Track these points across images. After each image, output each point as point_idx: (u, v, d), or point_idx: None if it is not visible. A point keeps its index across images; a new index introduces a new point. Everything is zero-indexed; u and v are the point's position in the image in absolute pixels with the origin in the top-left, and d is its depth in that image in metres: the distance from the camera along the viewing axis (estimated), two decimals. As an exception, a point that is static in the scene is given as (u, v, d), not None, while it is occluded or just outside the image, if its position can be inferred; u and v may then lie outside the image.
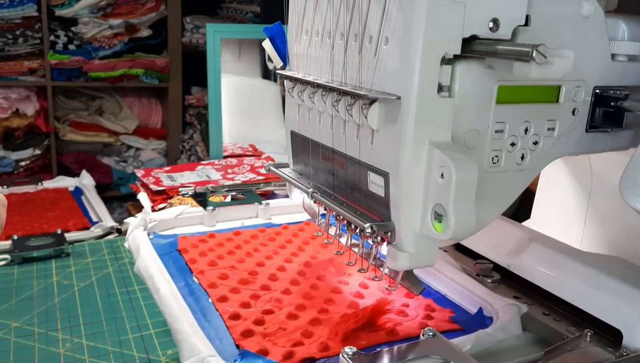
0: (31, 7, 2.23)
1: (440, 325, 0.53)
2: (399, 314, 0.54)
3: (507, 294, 0.58)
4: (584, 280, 0.54)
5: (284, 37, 0.59)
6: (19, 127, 2.35)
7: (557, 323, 0.54)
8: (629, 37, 0.52)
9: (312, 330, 0.51)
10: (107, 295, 0.82)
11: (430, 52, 0.41)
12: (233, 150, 1.84)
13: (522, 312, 0.53)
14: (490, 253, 0.63)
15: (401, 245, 0.46)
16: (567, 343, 0.50)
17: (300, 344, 0.49)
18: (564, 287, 0.55)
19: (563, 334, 0.52)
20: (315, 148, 0.55)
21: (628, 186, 0.47)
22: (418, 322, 0.53)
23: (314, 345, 0.48)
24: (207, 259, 0.64)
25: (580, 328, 0.52)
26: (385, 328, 0.52)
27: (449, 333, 0.52)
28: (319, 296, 0.57)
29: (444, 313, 0.55)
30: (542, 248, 0.59)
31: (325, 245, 0.68)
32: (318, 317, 0.53)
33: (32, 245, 0.94)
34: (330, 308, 0.54)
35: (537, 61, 0.38)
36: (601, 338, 0.51)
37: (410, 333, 0.51)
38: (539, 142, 0.49)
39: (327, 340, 0.49)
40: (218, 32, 1.76)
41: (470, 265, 0.63)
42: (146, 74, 2.43)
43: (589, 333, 0.50)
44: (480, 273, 0.62)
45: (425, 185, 0.43)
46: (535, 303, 0.57)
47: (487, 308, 0.55)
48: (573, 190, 0.72)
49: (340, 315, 0.52)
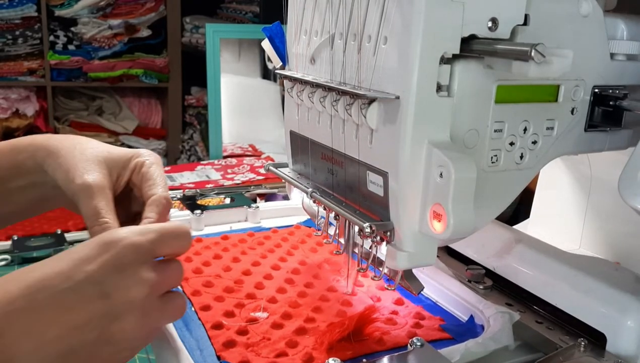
0: (31, 8, 2.23)
1: (429, 334, 0.51)
2: (387, 322, 0.53)
3: (499, 301, 0.56)
4: (568, 282, 0.52)
5: (283, 37, 0.59)
6: (18, 127, 2.35)
7: (550, 332, 0.52)
8: (628, 36, 0.52)
9: (297, 339, 0.49)
10: (106, 295, 0.82)
11: (429, 52, 0.41)
12: (233, 150, 1.84)
13: (514, 320, 0.51)
14: (475, 255, 0.62)
15: (400, 245, 0.46)
16: (560, 354, 0.48)
17: (284, 355, 0.47)
18: (549, 289, 0.54)
19: (556, 343, 0.50)
20: (314, 148, 0.55)
21: (627, 185, 0.47)
22: (407, 330, 0.52)
23: (298, 356, 0.47)
24: (192, 265, 0.62)
25: (574, 337, 0.50)
26: (373, 337, 0.50)
27: (438, 342, 0.50)
28: (306, 304, 0.55)
29: (434, 322, 0.53)
30: (528, 250, 0.58)
31: (315, 250, 0.67)
32: (304, 326, 0.51)
33: (32, 246, 0.94)
34: (317, 317, 0.52)
35: (536, 60, 0.38)
36: (594, 347, 0.49)
37: (398, 342, 0.49)
38: (538, 142, 0.49)
39: (312, 351, 0.47)
40: (218, 32, 1.76)
41: (461, 271, 0.61)
42: (146, 74, 2.44)
43: (582, 343, 0.49)
44: (472, 279, 0.60)
45: (425, 184, 0.43)
46: (527, 310, 0.56)
47: (478, 316, 0.53)
48: (572, 190, 0.72)
49: (327, 324, 0.50)
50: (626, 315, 0.47)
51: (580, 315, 0.51)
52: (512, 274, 0.57)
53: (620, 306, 0.48)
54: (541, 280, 0.55)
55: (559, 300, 0.53)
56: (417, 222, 0.44)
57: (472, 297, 0.56)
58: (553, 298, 0.53)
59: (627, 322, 0.47)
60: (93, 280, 0.38)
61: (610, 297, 0.49)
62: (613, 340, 0.48)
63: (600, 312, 0.49)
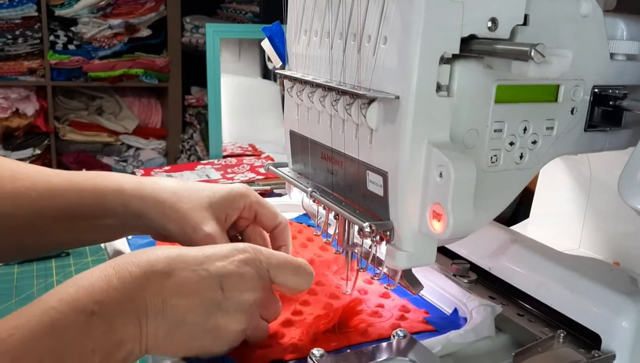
0: (31, 7, 2.23)
1: (413, 326, 0.52)
2: (372, 315, 0.53)
3: (483, 294, 0.57)
4: (563, 283, 0.52)
5: (283, 37, 0.59)
6: (18, 127, 2.35)
7: (531, 324, 0.53)
8: (627, 36, 0.52)
9: (283, 331, 0.50)
10: (106, 295, 0.82)
11: (429, 52, 0.41)
12: (233, 150, 1.84)
13: (497, 313, 0.52)
14: (471, 255, 0.62)
15: (400, 244, 0.46)
16: (539, 345, 0.49)
17: (269, 346, 0.48)
18: (543, 289, 0.54)
19: (536, 335, 0.51)
20: (314, 147, 0.55)
21: (627, 185, 0.47)
22: (391, 322, 0.52)
23: (283, 347, 0.48)
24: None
25: (555, 329, 0.51)
26: (358, 329, 0.51)
27: (422, 334, 0.51)
28: (294, 297, 0.55)
29: (419, 314, 0.54)
30: (523, 251, 0.58)
31: (305, 245, 0.68)
32: (291, 318, 0.52)
33: (32, 245, 0.94)
34: (305, 310, 0.53)
35: (536, 60, 0.38)
36: (574, 339, 0.50)
37: (382, 334, 0.50)
38: (538, 142, 0.49)
39: (297, 342, 0.48)
40: (218, 32, 1.77)
41: (447, 265, 0.62)
42: (146, 73, 2.44)
43: (562, 335, 0.49)
44: (457, 274, 0.61)
45: (424, 184, 0.43)
46: (510, 303, 0.56)
47: (462, 309, 0.54)
48: (572, 190, 0.72)
49: (314, 317, 0.51)
50: (621, 315, 0.47)
51: (575, 316, 0.51)
52: (508, 275, 0.58)
53: (615, 307, 0.48)
54: (536, 280, 0.55)
55: (553, 301, 0.53)
56: (416, 222, 0.44)
57: (456, 290, 0.57)
58: (548, 298, 0.53)
59: (622, 322, 0.47)
60: (219, 274, 0.44)
61: (605, 297, 0.49)
62: (608, 340, 0.48)
63: (595, 313, 0.49)
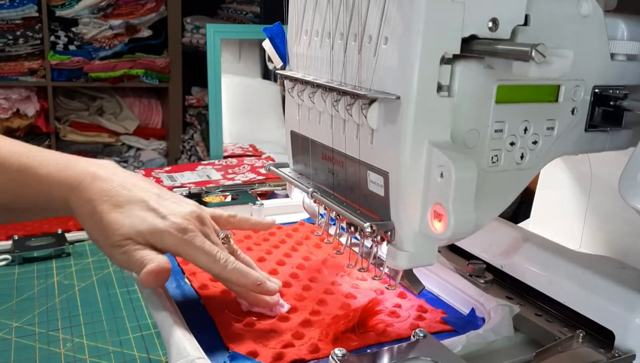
0: (31, 8, 2.24)
1: (431, 326, 0.52)
2: (390, 315, 0.54)
3: (499, 295, 0.57)
4: (576, 281, 0.53)
5: (283, 37, 0.59)
6: (19, 127, 2.35)
7: (550, 324, 0.53)
8: (628, 36, 0.52)
9: (303, 331, 0.50)
10: (107, 295, 0.83)
11: (430, 52, 0.41)
12: (233, 150, 1.84)
13: (514, 313, 0.53)
14: (483, 254, 0.63)
15: (401, 245, 0.46)
16: (559, 345, 0.49)
17: (290, 345, 0.48)
18: (557, 287, 0.54)
19: (555, 335, 0.51)
20: (315, 148, 0.56)
21: (627, 185, 0.47)
22: (410, 322, 0.53)
23: (304, 347, 0.48)
24: None
25: (573, 329, 0.52)
26: (376, 329, 0.51)
27: (440, 334, 0.52)
28: (311, 298, 0.56)
29: (436, 314, 0.55)
30: (535, 249, 0.59)
31: (319, 246, 0.68)
32: (309, 319, 0.52)
33: (33, 245, 0.94)
34: (322, 310, 0.54)
35: (536, 60, 0.38)
36: (593, 339, 0.50)
37: (401, 334, 0.51)
38: (539, 142, 0.49)
39: (317, 342, 0.48)
40: (218, 33, 1.76)
41: (463, 265, 0.62)
42: (146, 74, 2.44)
43: (581, 335, 0.50)
44: (473, 274, 0.61)
45: (425, 184, 0.43)
46: (527, 304, 0.57)
47: (479, 309, 0.55)
48: (572, 190, 0.72)
49: (332, 317, 0.52)
50: (634, 312, 0.48)
51: (588, 313, 0.51)
52: (520, 273, 0.58)
53: (628, 304, 0.49)
54: (549, 278, 0.55)
55: (567, 298, 0.53)
56: (417, 222, 0.44)
57: (473, 290, 0.57)
58: (561, 296, 0.54)
59: (635, 319, 0.48)
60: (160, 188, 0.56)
61: (618, 294, 0.50)
62: (621, 337, 0.48)
63: (609, 310, 0.50)
